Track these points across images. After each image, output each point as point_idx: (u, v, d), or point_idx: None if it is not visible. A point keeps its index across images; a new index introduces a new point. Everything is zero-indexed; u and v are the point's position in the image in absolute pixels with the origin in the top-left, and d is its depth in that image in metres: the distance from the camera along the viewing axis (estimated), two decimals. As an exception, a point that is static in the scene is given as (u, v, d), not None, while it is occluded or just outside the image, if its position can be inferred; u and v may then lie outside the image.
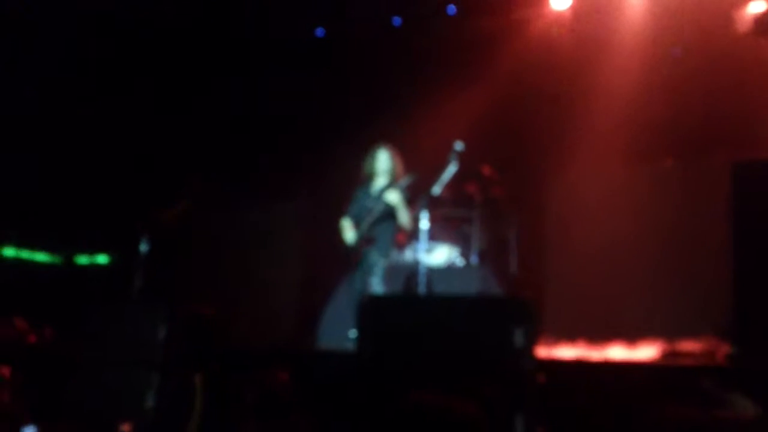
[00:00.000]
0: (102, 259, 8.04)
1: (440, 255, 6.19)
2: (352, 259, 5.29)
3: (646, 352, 3.63)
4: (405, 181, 5.12)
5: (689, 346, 3.50)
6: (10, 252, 7.77)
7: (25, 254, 7.90)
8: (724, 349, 3.26)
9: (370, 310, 3.43)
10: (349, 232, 5.30)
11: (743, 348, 3.06)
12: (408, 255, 6.08)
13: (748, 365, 2.95)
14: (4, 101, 6.93)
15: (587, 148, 5.93)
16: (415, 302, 3.85)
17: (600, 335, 3.97)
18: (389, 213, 5.17)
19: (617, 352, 3.71)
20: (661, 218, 5.48)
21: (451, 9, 7.22)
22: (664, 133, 5.70)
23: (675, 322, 3.80)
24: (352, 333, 4.64)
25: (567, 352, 3.84)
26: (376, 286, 5.17)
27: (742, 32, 4.24)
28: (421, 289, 4.93)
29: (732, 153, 4.18)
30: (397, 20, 7.48)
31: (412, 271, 5.30)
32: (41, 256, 8.02)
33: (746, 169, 3.42)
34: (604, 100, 5.98)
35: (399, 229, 5.37)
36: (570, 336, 4.16)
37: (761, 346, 2.99)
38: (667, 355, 3.50)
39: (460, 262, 6.14)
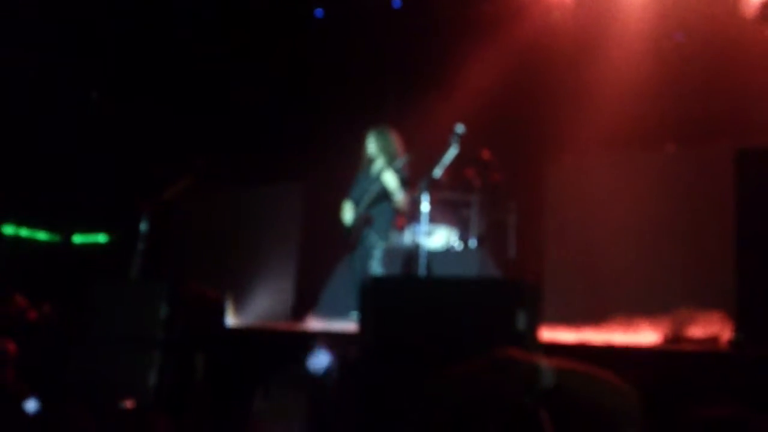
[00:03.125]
0: (101, 237, 8.03)
1: (439, 238, 6.19)
2: (350, 240, 5.31)
3: (649, 336, 3.65)
4: (400, 161, 5.14)
5: (692, 331, 3.51)
6: (9, 230, 7.76)
7: (25, 232, 7.88)
8: (727, 335, 3.27)
9: (373, 291, 3.42)
10: (347, 214, 5.32)
11: (747, 334, 3.08)
12: (407, 237, 6.08)
13: (752, 352, 2.97)
14: (4, 80, 6.88)
15: (588, 133, 5.93)
16: (418, 284, 3.84)
17: (601, 319, 3.99)
18: (386, 194, 5.18)
19: (619, 337, 3.73)
20: (663, 203, 5.49)
21: (452, -9, 7.18)
22: (667, 119, 5.69)
23: (678, 308, 3.82)
24: (353, 314, 4.65)
25: (567, 335, 3.86)
26: (376, 268, 5.19)
27: (747, 18, 4.21)
28: (421, 271, 4.93)
29: (735, 139, 4.19)
30: (397, 2, 7.43)
31: (411, 253, 5.31)
32: (41, 235, 8.00)
33: (750, 155, 3.42)
34: (605, 85, 5.96)
35: (397, 211, 5.38)
36: (570, 320, 4.18)
37: (765, 332, 3.02)
38: (669, 341, 3.51)
39: (458, 245, 6.15)
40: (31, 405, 3.14)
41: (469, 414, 1.52)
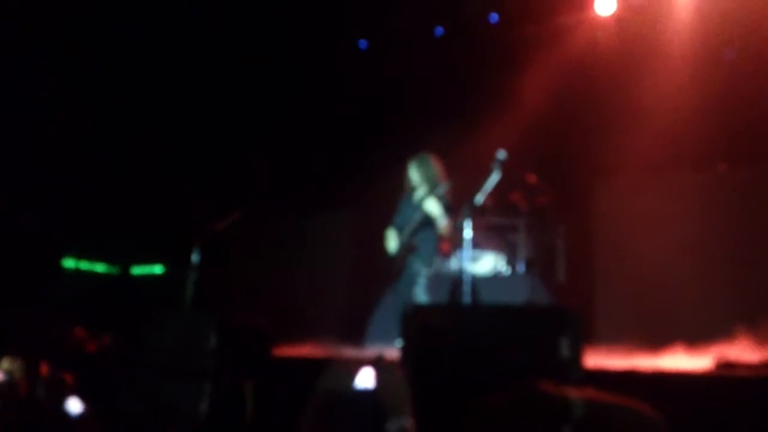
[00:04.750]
0: (158, 269, 8.27)
1: (486, 264, 6.17)
2: (395, 268, 5.34)
3: (701, 362, 3.53)
4: (441, 188, 5.17)
5: (747, 356, 3.40)
6: (70, 263, 8.09)
7: (85, 265, 8.20)
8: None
9: (414, 319, 3.44)
10: (392, 242, 5.37)
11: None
12: (453, 264, 6.08)
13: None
14: (59, 118, 7.23)
15: (637, 154, 5.84)
16: (458, 312, 3.84)
17: (652, 344, 3.90)
18: (429, 221, 5.21)
19: (670, 362, 3.63)
20: (715, 224, 5.36)
21: (494, 17, 7.21)
22: (717, 138, 5.56)
23: (731, 332, 3.71)
24: (398, 342, 4.67)
25: (617, 362, 3.78)
26: (420, 295, 5.20)
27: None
28: (466, 298, 4.92)
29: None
30: (439, 30, 7.50)
31: (456, 279, 5.30)
32: (100, 267, 8.31)
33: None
34: (652, 106, 5.87)
35: (441, 237, 5.40)
36: (621, 345, 4.10)
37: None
38: (722, 366, 3.40)
39: (506, 270, 6.11)
40: (74, 405, 3.24)
41: None
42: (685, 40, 6.11)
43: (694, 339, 3.85)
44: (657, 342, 3.98)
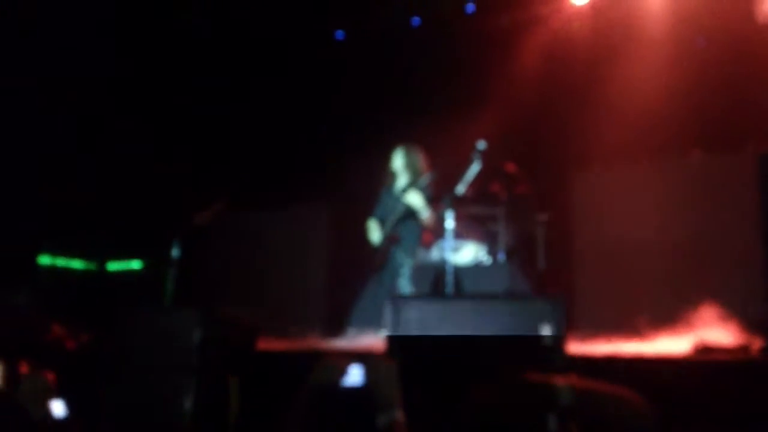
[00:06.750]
0: (135, 264, 8.19)
1: (467, 253, 6.19)
2: (378, 259, 5.35)
3: (679, 346, 3.61)
4: (424, 180, 5.18)
5: (723, 340, 3.48)
6: (46, 260, 7.97)
7: (61, 262, 8.09)
8: (758, 343, 3.23)
9: (398, 309, 3.46)
10: (374, 233, 5.38)
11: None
12: (435, 254, 6.10)
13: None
14: (38, 108, 7.10)
15: (612, 143, 5.91)
16: (441, 301, 3.86)
17: (632, 329, 3.97)
18: (412, 212, 5.23)
19: (649, 347, 3.70)
20: (690, 210, 5.46)
21: (470, 7, 7.24)
22: (690, 126, 5.65)
23: (708, 316, 3.79)
24: (382, 332, 4.68)
25: (598, 347, 3.84)
26: (404, 286, 5.23)
27: (762, 22, 4.19)
28: (449, 288, 4.94)
29: (759, 144, 4.14)
30: (416, 20, 7.51)
31: (439, 270, 5.33)
32: (76, 263, 8.20)
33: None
34: (627, 94, 5.94)
35: (424, 228, 5.42)
36: (601, 331, 4.17)
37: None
38: (699, 350, 3.47)
39: (487, 260, 6.14)
40: (57, 407, 3.20)
41: None
42: (658, 28, 6.19)
43: (673, 323, 3.93)
44: (637, 327, 4.05)
